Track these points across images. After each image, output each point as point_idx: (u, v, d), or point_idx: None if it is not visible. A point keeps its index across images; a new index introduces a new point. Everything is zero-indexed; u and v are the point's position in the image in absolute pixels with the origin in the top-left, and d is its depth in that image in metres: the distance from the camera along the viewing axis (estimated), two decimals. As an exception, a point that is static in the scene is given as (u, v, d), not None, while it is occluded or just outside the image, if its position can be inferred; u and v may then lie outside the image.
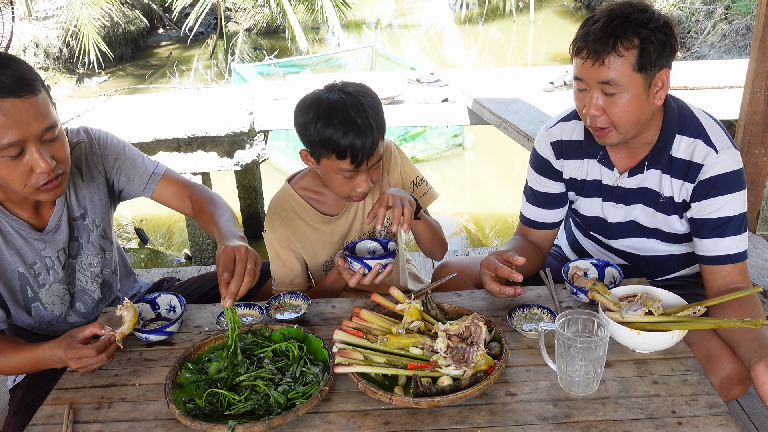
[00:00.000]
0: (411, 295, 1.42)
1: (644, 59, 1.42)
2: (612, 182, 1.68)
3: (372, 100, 1.60)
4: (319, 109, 1.56)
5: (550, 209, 1.79)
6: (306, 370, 1.30)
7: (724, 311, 1.43)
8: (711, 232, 1.54)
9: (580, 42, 1.47)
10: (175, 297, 1.57)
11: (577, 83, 1.52)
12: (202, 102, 5.04)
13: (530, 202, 1.82)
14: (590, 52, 1.44)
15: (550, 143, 1.74)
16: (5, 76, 1.32)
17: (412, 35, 15.52)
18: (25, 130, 1.35)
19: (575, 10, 15.84)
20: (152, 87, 10.08)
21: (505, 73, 6.20)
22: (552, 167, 1.75)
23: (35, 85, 1.37)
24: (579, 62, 1.49)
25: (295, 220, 1.77)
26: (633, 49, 1.42)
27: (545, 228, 1.81)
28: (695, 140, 1.55)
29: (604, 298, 1.39)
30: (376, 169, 1.65)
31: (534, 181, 1.80)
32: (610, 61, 1.43)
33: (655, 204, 1.64)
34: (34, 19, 11.57)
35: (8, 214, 1.51)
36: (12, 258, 1.53)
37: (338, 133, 1.53)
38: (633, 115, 1.48)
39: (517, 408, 1.21)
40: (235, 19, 14.00)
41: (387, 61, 8.86)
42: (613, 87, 1.44)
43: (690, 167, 1.55)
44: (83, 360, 1.36)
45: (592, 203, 1.75)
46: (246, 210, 5.60)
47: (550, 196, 1.78)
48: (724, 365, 1.43)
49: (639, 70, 1.43)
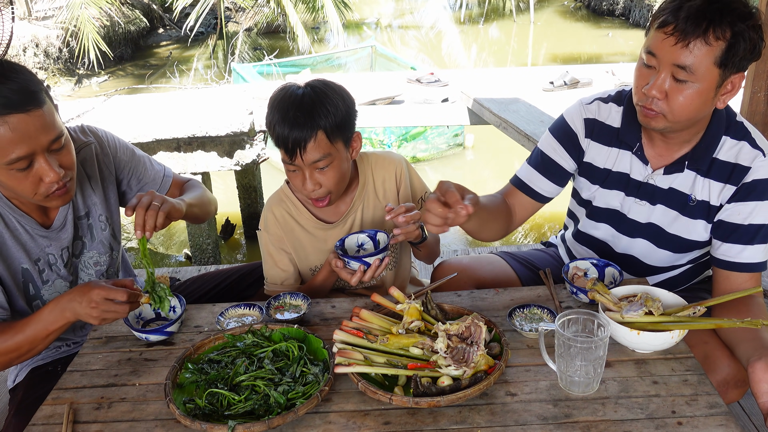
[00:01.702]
0: (411, 295, 1.42)
1: (729, 55, 1.32)
2: (642, 178, 1.58)
3: (323, 97, 1.56)
4: (275, 99, 1.60)
5: (549, 180, 1.69)
6: (306, 370, 1.30)
7: (727, 313, 1.43)
8: (739, 238, 1.48)
9: (669, 15, 1.34)
10: (175, 297, 1.57)
11: (648, 58, 1.39)
12: (202, 102, 5.03)
13: (532, 164, 1.71)
14: (677, 29, 1.32)
15: (584, 119, 1.64)
16: (10, 91, 1.32)
17: (412, 35, 15.52)
18: (33, 144, 1.36)
19: (575, 10, 15.84)
20: (152, 87, 10.08)
21: (505, 73, 6.20)
22: (576, 142, 1.65)
23: (40, 96, 1.38)
24: (659, 36, 1.35)
25: (290, 223, 1.77)
26: (722, 41, 1.31)
27: (532, 197, 1.71)
28: (740, 142, 1.48)
29: (604, 298, 1.39)
30: (323, 172, 1.59)
31: (548, 146, 1.69)
32: (695, 46, 1.31)
33: (681, 207, 1.56)
34: (33, 19, 11.58)
35: (15, 209, 1.51)
36: (18, 253, 1.54)
37: (275, 120, 1.56)
38: (693, 110, 1.39)
39: (517, 408, 1.21)
40: (235, 19, 14.00)
41: (387, 61, 8.86)
42: (687, 74, 1.34)
43: (734, 169, 1.48)
44: (108, 303, 1.35)
45: (612, 196, 1.65)
46: (246, 210, 5.60)
47: (558, 166, 1.68)
48: (721, 368, 1.42)
49: (720, 66, 1.33)
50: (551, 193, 1.71)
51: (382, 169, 1.81)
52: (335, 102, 1.57)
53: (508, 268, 1.88)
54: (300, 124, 1.52)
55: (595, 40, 13.15)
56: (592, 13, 15.27)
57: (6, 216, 1.50)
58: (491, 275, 1.82)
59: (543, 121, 4.09)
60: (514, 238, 5.63)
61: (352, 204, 1.76)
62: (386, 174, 1.80)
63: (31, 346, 1.43)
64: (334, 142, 1.57)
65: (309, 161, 1.56)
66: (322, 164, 1.57)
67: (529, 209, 1.73)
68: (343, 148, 1.61)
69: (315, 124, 1.53)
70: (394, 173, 1.81)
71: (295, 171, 1.60)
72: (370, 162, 1.80)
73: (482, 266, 1.85)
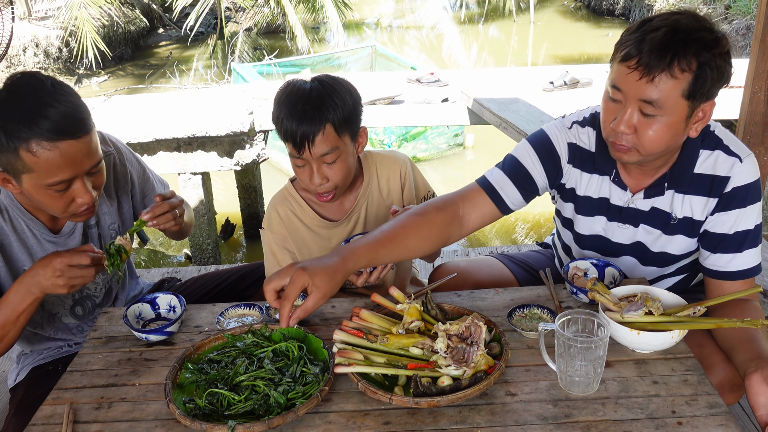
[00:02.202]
0: (411, 295, 1.42)
1: (697, 86, 1.27)
2: (623, 203, 1.55)
3: (331, 91, 1.56)
4: (282, 94, 1.59)
5: (518, 189, 1.56)
6: (306, 370, 1.29)
7: (724, 315, 1.42)
8: (727, 248, 1.45)
9: (632, 48, 1.28)
10: (175, 297, 1.57)
11: (613, 92, 1.35)
12: (202, 102, 5.04)
13: (505, 170, 1.58)
14: (641, 63, 1.26)
15: (568, 143, 1.57)
16: (61, 116, 1.33)
17: (412, 35, 15.52)
18: (77, 168, 1.39)
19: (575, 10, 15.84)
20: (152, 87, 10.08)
21: (505, 73, 6.20)
22: (558, 164, 1.58)
23: (89, 122, 1.40)
24: (623, 70, 1.30)
25: (294, 221, 1.77)
26: (689, 73, 1.26)
27: (496, 203, 1.56)
28: (714, 152, 1.44)
29: (604, 298, 1.39)
30: (330, 166, 1.60)
31: (525, 156, 1.58)
32: (660, 80, 1.26)
33: (663, 226, 1.53)
34: (33, 19, 11.57)
35: (26, 212, 1.52)
36: (22, 256, 1.54)
37: (283, 115, 1.56)
38: (665, 143, 1.35)
39: (517, 408, 1.21)
40: (235, 19, 14.00)
41: (387, 61, 8.86)
42: (655, 109, 1.29)
43: (714, 181, 1.44)
44: (73, 269, 1.35)
45: (594, 222, 1.62)
46: (246, 210, 5.60)
47: (530, 179, 1.57)
48: (716, 372, 1.42)
49: (688, 97, 1.28)
50: (514, 205, 1.59)
51: (387, 168, 1.81)
52: (343, 96, 1.57)
53: (505, 270, 1.88)
54: (308, 118, 1.53)
55: (595, 40, 13.15)
56: (592, 13, 15.27)
57: (15, 219, 1.51)
58: (489, 278, 1.82)
59: (543, 121, 4.09)
60: (514, 237, 5.63)
61: (356, 202, 1.77)
62: (391, 173, 1.81)
63: (4, 330, 1.42)
64: (342, 135, 1.58)
65: (317, 155, 1.56)
66: (329, 158, 1.58)
67: (486, 217, 1.58)
68: (350, 142, 1.62)
69: (323, 117, 1.53)
70: (399, 172, 1.81)
71: (302, 166, 1.61)
72: (374, 161, 1.81)
73: (480, 269, 1.85)
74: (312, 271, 1.25)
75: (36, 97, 1.33)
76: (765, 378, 1.22)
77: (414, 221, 1.44)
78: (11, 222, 1.50)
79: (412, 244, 1.44)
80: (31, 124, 1.31)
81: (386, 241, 1.39)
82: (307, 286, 1.25)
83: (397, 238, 1.41)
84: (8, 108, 1.32)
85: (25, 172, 1.36)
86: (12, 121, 1.31)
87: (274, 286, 1.27)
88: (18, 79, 1.37)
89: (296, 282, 1.24)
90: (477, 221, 1.56)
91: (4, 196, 1.49)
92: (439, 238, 1.48)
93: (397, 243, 1.41)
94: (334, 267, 1.28)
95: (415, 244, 1.44)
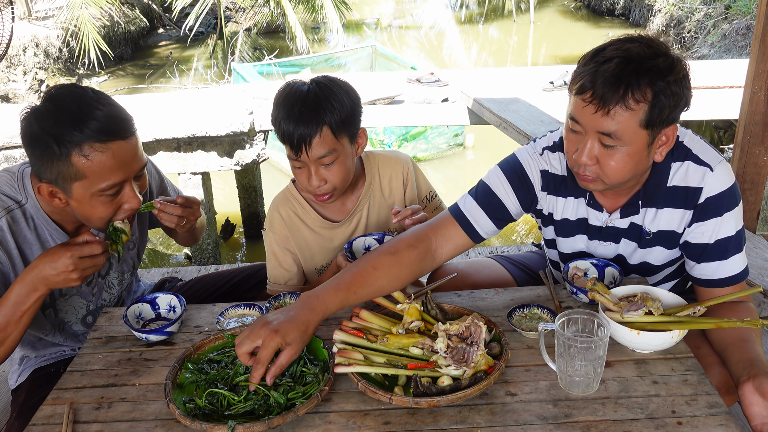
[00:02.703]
0: (411, 295, 1.42)
1: (654, 115, 1.26)
2: (601, 223, 1.54)
3: (328, 93, 1.56)
4: (280, 96, 1.60)
5: (490, 218, 1.54)
6: (306, 370, 1.29)
7: (720, 317, 1.42)
8: (711, 256, 1.44)
9: (586, 81, 1.27)
10: (174, 297, 1.57)
11: (572, 124, 1.34)
12: (202, 102, 5.04)
13: (477, 199, 1.55)
14: (595, 96, 1.25)
15: (540, 170, 1.55)
16: (107, 118, 1.34)
17: (412, 35, 15.52)
18: (128, 170, 1.41)
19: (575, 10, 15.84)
20: (152, 87, 10.09)
21: (505, 73, 6.20)
22: (531, 192, 1.56)
23: (133, 123, 1.42)
24: (579, 104, 1.29)
25: (295, 222, 1.77)
26: (644, 103, 1.24)
27: (468, 233, 1.53)
28: (684, 163, 1.42)
29: (604, 298, 1.39)
30: (328, 168, 1.59)
31: (497, 184, 1.55)
32: (615, 112, 1.25)
33: (638, 239, 1.53)
34: (33, 19, 11.57)
35: (50, 222, 1.52)
36: None
37: (281, 117, 1.56)
38: (628, 171, 1.34)
39: (517, 408, 1.21)
40: (235, 19, 14.00)
41: (387, 61, 8.86)
42: (614, 140, 1.28)
43: (687, 193, 1.43)
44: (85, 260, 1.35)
45: (576, 241, 1.61)
46: (246, 210, 5.60)
47: (503, 208, 1.55)
48: (712, 374, 1.41)
49: (646, 127, 1.27)
50: (487, 234, 1.56)
51: (389, 168, 1.81)
52: (340, 98, 1.57)
53: (504, 271, 1.88)
54: (305, 120, 1.53)
55: (595, 40, 13.01)
56: (592, 13, 15.26)
57: (40, 228, 1.51)
58: (487, 279, 1.82)
59: (543, 121, 4.09)
60: (514, 237, 5.63)
61: (358, 202, 1.77)
62: (393, 173, 1.80)
63: (6, 332, 1.38)
64: (340, 137, 1.58)
65: (314, 157, 1.56)
66: (327, 160, 1.58)
67: (459, 248, 1.54)
68: (349, 144, 1.62)
69: (320, 119, 1.53)
70: (401, 172, 1.81)
71: (300, 167, 1.61)
72: (377, 161, 1.81)
73: (478, 271, 1.85)
74: (284, 332, 1.21)
75: (81, 103, 1.34)
76: (757, 387, 1.22)
77: (385, 261, 1.41)
78: (36, 230, 1.50)
79: (383, 285, 1.40)
80: (82, 127, 1.32)
81: (356, 286, 1.36)
82: (280, 347, 1.22)
83: (369, 280, 1.38)
84: (55, 116, 1.33)
85: (78, 180, 1.36)
86: (62, 128, 1.31)
87: (246, 349, 1.22)
88: (59, 90, 1.38)
89: (268, 346, 1.20)
90: (449, 253, 1.54)
91: (30, 205, 1.48)
92: (410, 276, 1.45)
93: (368, 286, 1.37)
94: (305, 321, 1.25)
95: (386, 284, 1.40)
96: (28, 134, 1.35)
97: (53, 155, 1.33)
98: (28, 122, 1.35)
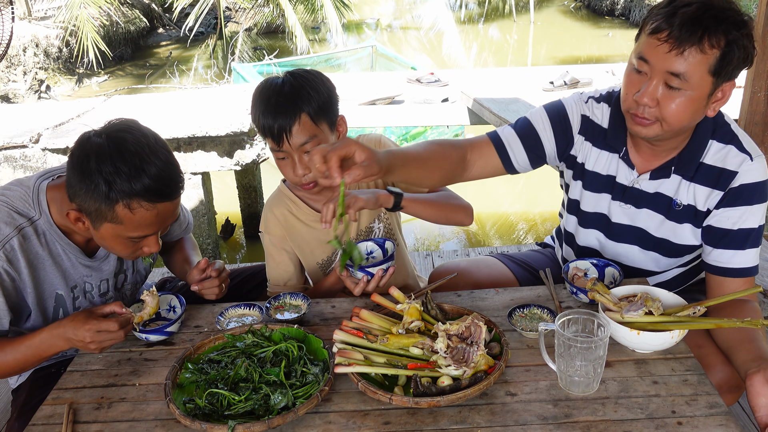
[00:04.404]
0: (411, 295, 1.42)
1: (723, 64, 1.30)
2: (628, 182, 1.57)
3: (303, 82, 1.58)
4: (256, 93, 1.62)
5: (526, 152, 1.60)
6: (306, 370, 1.30)
7: (724, 315, 1.42)
8: (730, 244, 1.46)
9: (663, 22, 1.29)
10: (175, 297, 1.57)
11: (639, 63, 1.36)
12: (202, 102, 5.04)
13: (516, 130, 1.61)
14: (672, 36, 1.28)
15: (582, 115, 1.60)
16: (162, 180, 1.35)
17: (412, 35, 15.52)
18: (161, 226, 1.43)
19: (575, 10, 15.85)
20: (152, 87, 10.09)
21: (505, 73, 6.21)
22: (569, 133, 1.61)
23: (182, 184, 1.43)
24: (652, 43, 1.31)
25: (290, 220, 1.77)
26: (717, 50, 1.28)
27: (503, 160, 1.60)
28: (727, 146, 1.46)
29: (604, 298, 1.39)
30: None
31: (538, 121, 1.61)
32: (690, 54, 1.28)
33: (666, 211, 1.54)
34: (33, 19, 11.57)
35: (62, 236, 1.51)
36: (55, 279, 1.53)
37: (259, 111, 1.58)
38: (686, 118, 1.36)
39: (517, 408, 1.21)
40: (235, 19, 14.01)
41: (387, 61, 8.86)
42: (680, 82, 1.31)
43: (722, 174, 1.45)
44: (102, 334, 1.36)
45: (599, 200, 1.63)
46: (246, 210, 5.60)
47: (539, 144, 1.60)
48: (715, 372, 1.42)
49: (713, 74, 1.31)
50: (520, 167, 1.63)
51: None
52: (315, 86, 1.59)
53: (505, 270, 1.88)
54: (283, 111, 1.55)
55: (595, 40, 13.15)
56: (592, 13, 15.28)
57: (52, 243, 1.50)
58: (489, 278, 1.82)
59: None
60: (514, 237, 5.64)
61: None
62: None
63: (21, 368, 1.46)
64: (319, 124, 1.59)
65: (296, 145, 1.57)
66: (309, 146, 1.58)
67: (489, 169, 1.61)
68: (329, 130, 1.63)
69: (298, 108, 1.55)
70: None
71: (284, 158, 1.62)
72: None
73: (480, 269, 1.85)
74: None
75: (142, 155, 1.33)
76: (767, 379, 1.22)
77: (433, 150, 1.50)
78: (48, 246, 1.50)
79: (424, 173, 1.48)
80: (136, 182, 1.32)
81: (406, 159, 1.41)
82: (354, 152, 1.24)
83: (418, 159, 1.44)
84: (114, 163, 1.31)
85: (112, 223, 1.37)
86: (118, 178, 1.31)
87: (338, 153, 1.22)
88: (122, 130, 1.37)
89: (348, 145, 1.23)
90: (480, 170, 1.60)
91: (43, 220, 1.48)
92: (447, 175, 1.54)
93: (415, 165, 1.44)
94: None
95: (426, 173, 1.49)
96: (81, 166, 1.33)
97: (100, 196, 1.33)
98: (86, 155, 1.33)
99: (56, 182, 1.51)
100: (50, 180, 1.51)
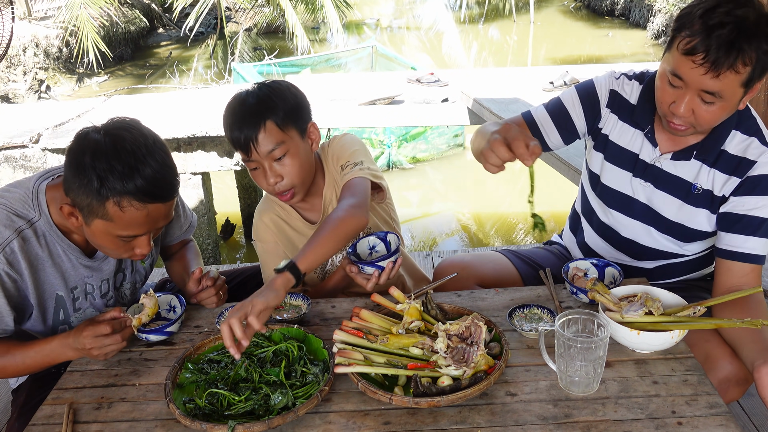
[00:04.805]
0: (411, 295, 1.42)
1: (755, 75, 1.34)
2: (650, 160, 1.61)
3: (268, 91, 1.59)
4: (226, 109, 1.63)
5: (558, 131, 1.69)
6: (306, 370, 1.30)
7: (729, 311, 1.42)
8: (743, 229, 1.49)
9: (699, 44, 1.31)
10: (175, 297, 1.57)
11: (673, 79, 1.40)
12: (202, 102, 5.04)
13: (548, 110, 1.71)
14: (707, 60, 1.30)
15: (609, 89, 1.66)
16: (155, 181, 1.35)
17: (412, 35, 15.52)
18: (152, 227, 1.42)
19: (575, 10, 15.85)
20: (152, 87, 10.09)
21: (505, 73, 6.21)
22: (596, 108, 1.67)
23: (177, 187, 1.43)
24: (687, 63, 1.34)
25: (281, 225, 1.77)
26: (749, 66, 1.32)
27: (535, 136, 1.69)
28: (750, 138, 1.50)
29: (604, 298, 1.39)
30: (281, 162, 1.59)
31: (569, 100, 1.69)
32: (725, 76, 1.32)
33: (685, 195, 1.58)
34: (33, 19, 11.58)
35: (62, 236, 1.51)
36: (55, 280, 1.53)
37: (228, 125, 1.59)
38: (719, 120, 1.44)
39: (517, 408, 1.21)
40: (235, 19, 14.01)
41: (387, 61, 8.86)
42: (714, 98, 1.36)
43: (741, 163, 1.50)
44: (100, 339, 1.36)
45: (621, 176, 1.67)
46: (246, 210, 5.61)
47: (571, 122, 1.69)
48: (722, 366, 1.42)
49: (745, 86, 1.36)
50: (554, 145, 1.72)
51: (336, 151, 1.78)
52: (281, 94, 1.60)
53: (510, 265, 1.87)
54: (248, 121, 1.56)
55: (595, 40, 13.15)
56: (592, 13, 15.28)
57: (52, 244, 1.50)
58: (493, 273, 1.82)
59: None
60: (515, 237, 5.64)
61: (324, 196, 1.76)
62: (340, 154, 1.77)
63: (28, 372, 1.48)
64: (286, 130, 1.59)
65: (264, 153, 1.57)
66: (278, 153, 1.58)
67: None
68: (298, 136, 1.62)
69: (262, 116, 1.56)
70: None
71: (256, 168, 1.62)
72: (327, 151, 1.79)
73: (484, 264, 1.85)
74: None
75: (138, 154, 1.33)
76: None
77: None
78: (47, 247, 1.49)
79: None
80: (128, 181, 1.31)
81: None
82: None
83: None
84: (109, 160, 1.31)
85: (102, 219, 1.36)
86: (110, 175, 1.31)
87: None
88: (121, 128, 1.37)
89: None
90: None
91: (43, 221, 1.48)
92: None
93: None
94: None
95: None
96: (76, 160, 1.33)
97: (92, 191, 1.32)
98: (82, 150, 1.33)
99: (56, 182, 1.50)
100: (50, 180, 1.51)
